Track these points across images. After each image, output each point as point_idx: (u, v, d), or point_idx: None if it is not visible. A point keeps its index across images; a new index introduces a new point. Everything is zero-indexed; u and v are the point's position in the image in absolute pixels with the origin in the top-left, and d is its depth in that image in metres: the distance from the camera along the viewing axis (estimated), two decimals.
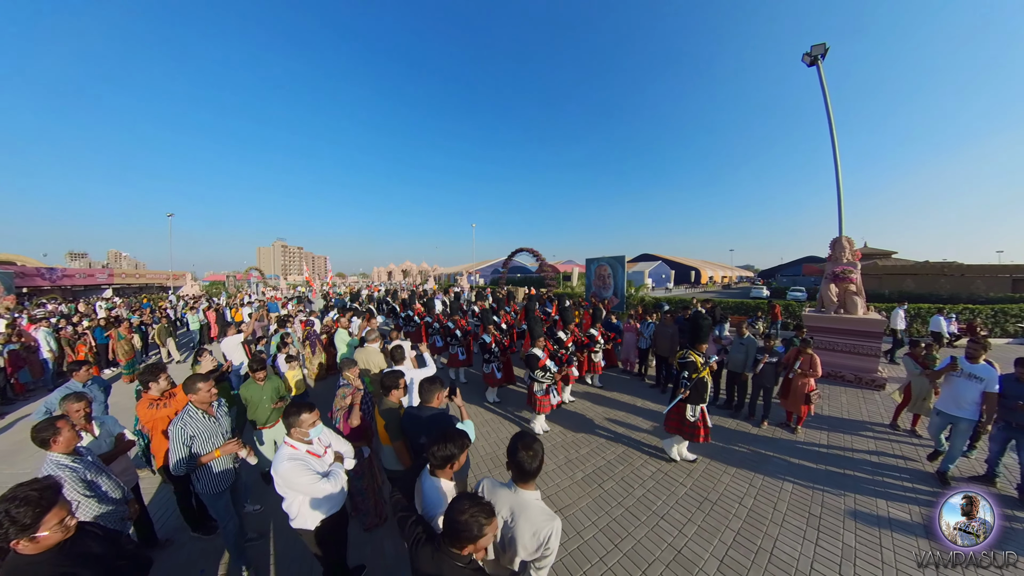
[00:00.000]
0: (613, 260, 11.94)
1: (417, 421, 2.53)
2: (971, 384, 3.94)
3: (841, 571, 2.79)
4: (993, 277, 28.14)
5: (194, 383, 2.62)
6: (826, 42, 9.60)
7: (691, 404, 4.15)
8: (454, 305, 8.23)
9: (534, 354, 5.01)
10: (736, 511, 3.50)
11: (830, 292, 7.56)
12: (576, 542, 3.16)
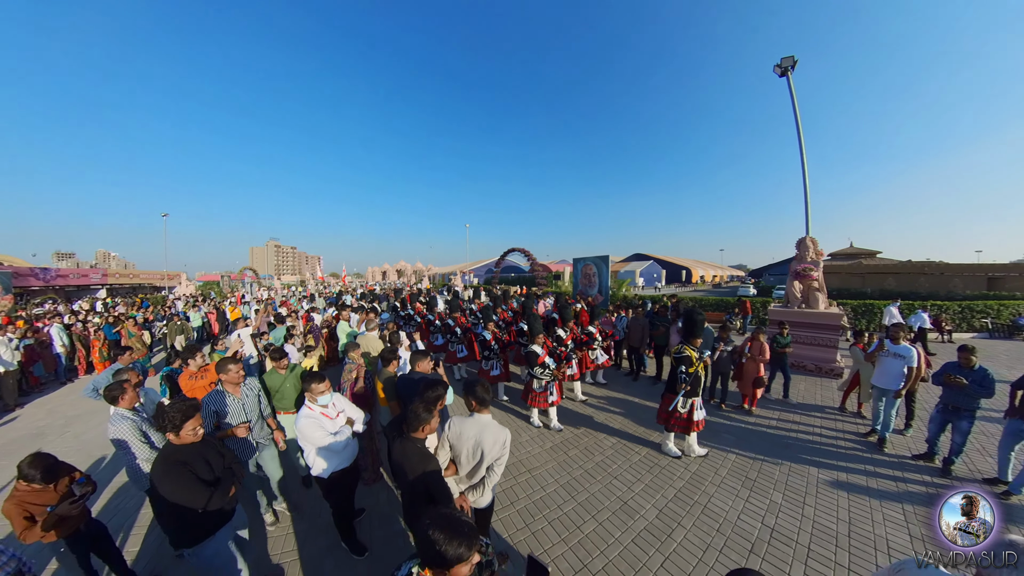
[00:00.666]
0: (598, 259, 12.51)
1: (410, 382, 3.21)
2: (896, 361, 4.72)
3: (764, 522, 3.35)
4: (970, 276, 29.23)
5: (225, 364, 3.10)
6: (794, 55, 10.25)
7: (684, 397, 4.30)
8: (453, 303, 8.30)
9: (533, 351, 5.08)
10: (681, 474, 4.10)
11: (794, 288, 8.19)
12: (539, 493, 3.77)
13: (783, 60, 10.39)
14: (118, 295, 30.65)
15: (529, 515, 3.50)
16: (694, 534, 3.20)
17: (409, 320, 9.88)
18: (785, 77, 10.42)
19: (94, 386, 3.89)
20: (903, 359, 4.69)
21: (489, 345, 6.32)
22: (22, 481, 2.27)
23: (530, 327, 5.37)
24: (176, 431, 2.13)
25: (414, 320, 9.69)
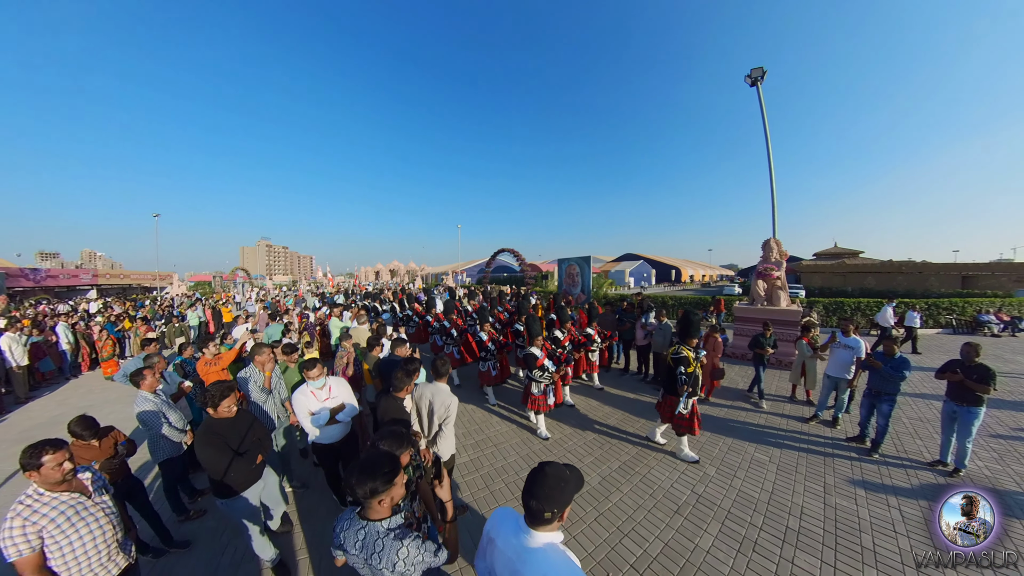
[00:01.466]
0: (580, 260, 13.07)
1: (390, 363, 3.80)
2: (846, 352, 5.33)
3: (694, 490, 3.91)
4: (945, 274, 30.35)
5: (260, 348, 3.72)
6: (763, 66, 10.86)
7: (683, 398, 4.37)
8: (449, 304, 8.19)
9: (532, 353, 5.04)
10: (628, 450, 4.72)
11: (757, 287, 8.79)
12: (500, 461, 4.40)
13: (753, 71, 11.01)
14: (107, 296, 30.58)
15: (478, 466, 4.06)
16: (629, 497, 3.76)
17: (408, 321, 9.90)
18: (755, 87, 11.04)
19: (124, 372, 4.47)
20: (852, 350, 5.27)
21: (486, 346, 6.29)
22: (72, 438, 2.76)
23: (529, 329, 5.30)
24: (215, 407, 2.62)
25: (413, 321, 9.71)
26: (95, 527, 2.01)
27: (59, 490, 1.94)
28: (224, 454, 2.55)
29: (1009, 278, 27.39)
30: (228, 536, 3.37)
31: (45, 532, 1.85)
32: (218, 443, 2.56)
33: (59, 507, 1.91)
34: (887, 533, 3.19)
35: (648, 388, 6.92)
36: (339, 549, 1.68)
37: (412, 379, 3.08)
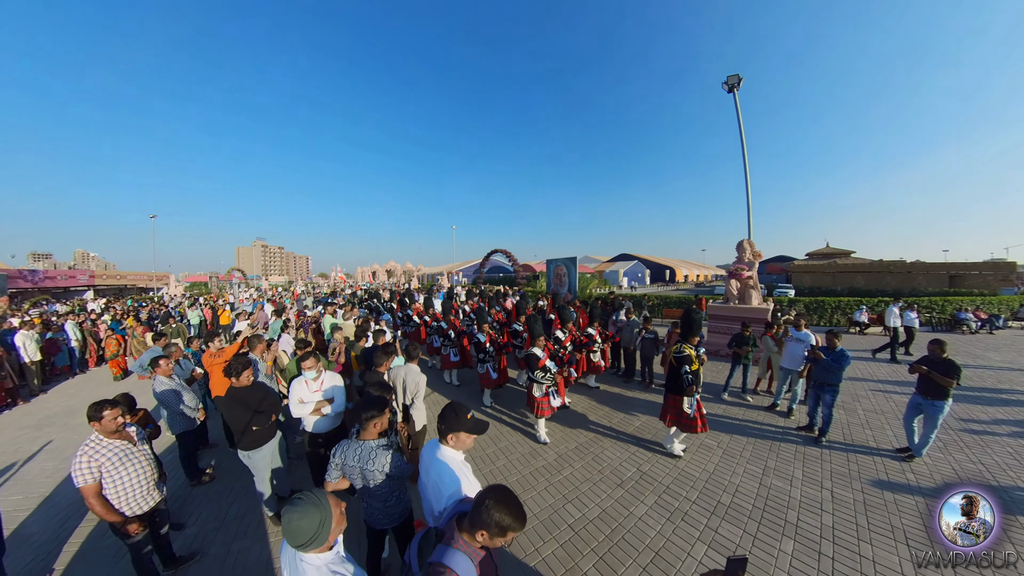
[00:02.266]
0: (567, 261, 13.55)
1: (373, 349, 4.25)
2: (798, 346, 5.78)
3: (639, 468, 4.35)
4: (933, 274, 31.00)
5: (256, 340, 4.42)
6: (739, 73, 11.34)
7: (687, 397, 4.40)
8: (446, 305, 8.10)
9: (534, 354, 4.96)
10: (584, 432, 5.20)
11: (731, 286, 9.27)
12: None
13: (729, 78, 11.49)
14: (103, 296, 30.78)
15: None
16: (580, 472, 4.23)
17: (408, 321, 9.89)
18: (732, 93, 11.53)
19: (140, 363, 5.01)
20: (803, 343, 5.73)
21: (484, 348, 6.16)
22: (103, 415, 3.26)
23: (531, 329, 5.26)
24: (237, 376, 3.35)
25: (412, 322, 9.69)
26: (138, 467, 2.62)
27: (113, 437, 2.57)
28: (246, 412, 3.21)
29: (995, 277, 28.09)
30: (235, 494, 4.02)
31: (103, 468, 2.46)
32: (240, 405, 3.24)
33: (113, 450, 2.52)
34: (814, 511, 3.52)
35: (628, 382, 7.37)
36: (338, 469, 2.30)
37: (390, 358, 3.82)
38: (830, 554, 3.00)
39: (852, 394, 6.67)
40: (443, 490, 1.89)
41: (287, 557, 1.52)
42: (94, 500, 2.41)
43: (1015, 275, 28.77)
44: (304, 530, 1.41)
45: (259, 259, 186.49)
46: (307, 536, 1.42)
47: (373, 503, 2.38)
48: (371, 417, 2.30)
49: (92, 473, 2.41)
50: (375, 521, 2.43)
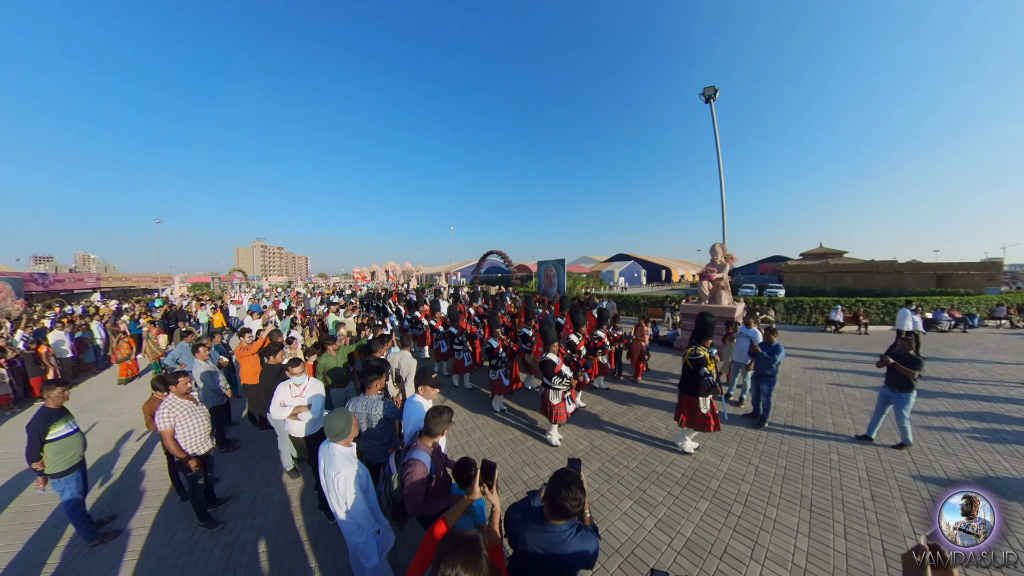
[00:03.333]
0: (556, 262, 14.28)
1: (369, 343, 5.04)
2: (744, 341, 6.52)
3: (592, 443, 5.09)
4: (921, 274, 31.71)
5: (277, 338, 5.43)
6: (715, 84, 12.06)
7: (702, 397, 4.53)
8: (452, 310, 7.91)
9: (549, 360, 4.85)
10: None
11: (702, 287, 10.00)
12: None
13: (706, 89, 12.23)
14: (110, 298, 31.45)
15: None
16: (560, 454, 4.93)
17: (415, 324, 9.70)
18: (709, 104, 12.27)
19: (172, 357, 5.81)
20: (748, 339, 6.44)
21: (496, 354, 5.98)
22: (154, 391, 4.04)
23: (544, 335, 5.19)
24: (273, 355, 4.67)
25: (420, 324, 9.49)
26: (198, 421, 3.64)
27: (184, 398, 3.61)
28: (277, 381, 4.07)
29: (981, 277, 28.80)
30: (258, 458, 4.95)
31: (176, 418, 3.47)
32: (274, 376, 4.24)
33: (183, 407, 3.56)
34: (734, 481, 4.13)
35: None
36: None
37: (385, 345, 4.84)
38: (738, 513, 3.67)
39: (806, 387, 7.38)
40: (411, 421, 3.07)
41: (324, 451, 2.49)
42: (170, 441, 3.42)
43: (1001, 275, 29.55)
44: (337, 425, 2.39)
45: (258, 259, 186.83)
46: (338, 430, 2.38)
47: (373, 442, 3.31)
48: (373, 379, 3.29)
49: (169, 421, 3.43)
50: (373, 456, 3.34)
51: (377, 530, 2.46)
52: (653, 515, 3.68)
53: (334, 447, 2.41)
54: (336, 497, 2.31)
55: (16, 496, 4.42)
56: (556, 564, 1.73)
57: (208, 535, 3.57)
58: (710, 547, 3.24)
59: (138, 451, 5.38)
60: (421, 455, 2.37)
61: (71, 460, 3.32)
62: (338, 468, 2.33)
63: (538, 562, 1.75)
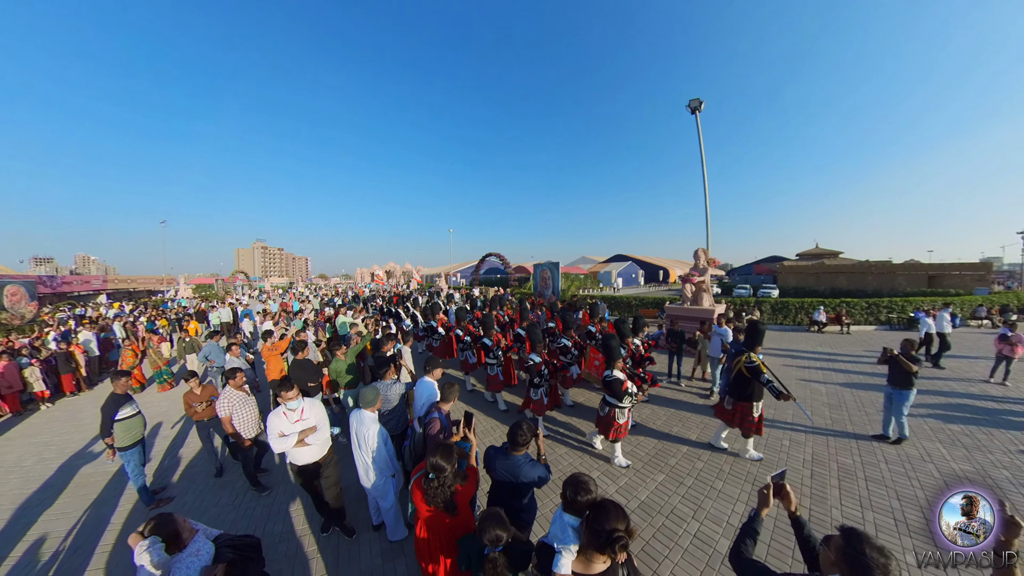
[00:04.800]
0: (551, 265, 14.97)
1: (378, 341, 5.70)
2: (718, 338, 7.27)
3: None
4: (913, 274, 32.35)
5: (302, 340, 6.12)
6: (700, 97, 12.72)
7: (756, 403, 4.65)
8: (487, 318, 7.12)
9: (616, 378, 4.51)
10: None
11: (685, 289, 10.68)
12: None
13: (691, 101, 12.90)
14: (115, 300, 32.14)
15: None
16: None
17: (431, 333, 8.94)
18: (695, 115, 12.95)
19: (204, 354, 6.59)
20: (721, 336, 7.18)
21: (539, 371, 5.41)
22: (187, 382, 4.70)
23: (608, 351, 4.74)
24: (301, 352, 5.60)
25: (437, 333, 8.73)
26: (251, 409, 4.41)
27: (238, 390, 4.33)
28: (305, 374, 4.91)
29: (972, 277, 29.42)
30: None
31: (232, 406, 4.16)
32: (300, 369, 5.03)
33: (239, 397, 4.32)
34: (692, 459, 4.79)
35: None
36: None
37: (391, 343, 5.33)
38: (688, 484, 4.32)
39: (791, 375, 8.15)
40: (424, 395, 3.86)
41: (356, 417, 3.25)
42: (228, 425, 4.21)
43: (991, 275, 30.18)
44: (369, 395, 3.25)
45: (259, 261, 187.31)
46: (370, 399, 3.22)
47: (390, 418, 4.00)
48: (386, 370, 4.12)
49: (227, 409, 4.22)
50: (391, 429, 3.96)
51: (393, 474, 3.23)
52: (615, 483, 4.38)
53: (364, 412, 3.21)
54: (367, 449, 3.12)
55: (74, 473, 5.16)
56: (516, 484, 2.51)
57: (250, 497, 4.32)
58: (659, 508, 3.93)
59: (173, 438, 6.08)
60: (438, 415, 3.27)
61: (135, 436, 4.07)
62: (368, 426, 3.18)
63: (504, 485, 2.57)
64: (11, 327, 15.43)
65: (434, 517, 2.28)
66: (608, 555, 1.65)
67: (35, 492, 4.71)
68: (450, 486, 2.28)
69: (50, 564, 3.49)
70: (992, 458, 4.75)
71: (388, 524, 3.43)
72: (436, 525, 2.30)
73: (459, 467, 2.39)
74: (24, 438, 6.46)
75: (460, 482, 2.37)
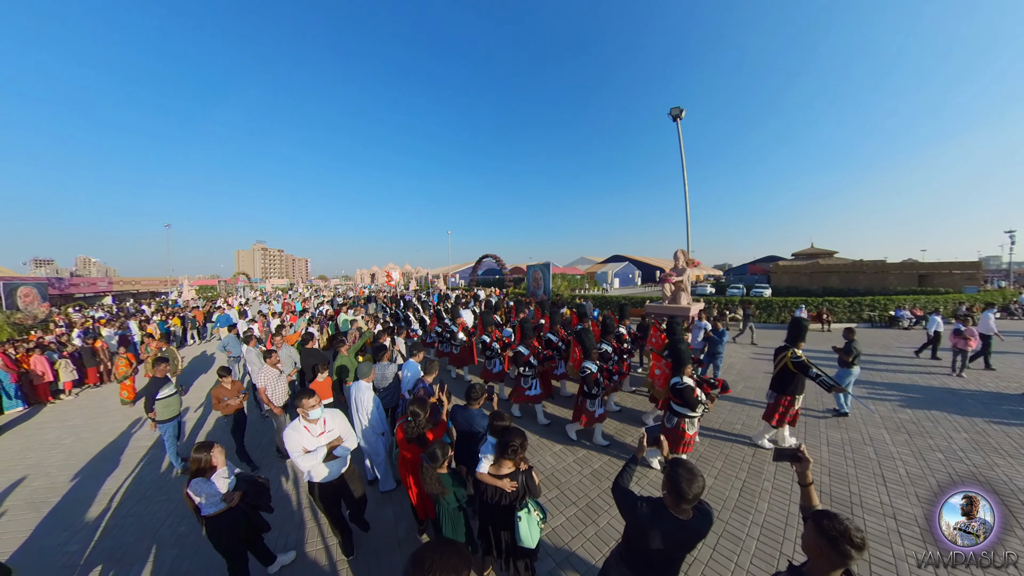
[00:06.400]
0: (542, 266, 15.66)
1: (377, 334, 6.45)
2: (698, 331, 8.07)
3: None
4: (903, 273, 33.00)
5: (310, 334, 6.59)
6: (680, 105, 13.40)
7: (799, 395, 4.73)
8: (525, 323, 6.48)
9: (688, 386, 4.18)
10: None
11: (664, 289, 11.39)
12: None
13: (672, 109, 13.57)
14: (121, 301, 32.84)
15: None
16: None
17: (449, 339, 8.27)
18: (676, 122, 13.63)
19: (222, 344, 7.32)
20: (700, 328, 7.91)
21: (595, 380, 5.01)
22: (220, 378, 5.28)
23: (678, 355, 4.40)
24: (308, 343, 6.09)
25: (458, 339, 8.02)
26: (282, 384, 5.21)
27: (273, 367, 5.19)
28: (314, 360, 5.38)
29: (961, 276, 30.07)
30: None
31: (268, 380, 5.06)
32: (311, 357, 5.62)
33: (272, 373, 5.14)
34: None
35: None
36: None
37: (386, 336, 6.31)
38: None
39: (744, 374, 8.64)
40: (410, 371, 4.74)
41: (354, 388, 4.00)
42: (263, 395, 5.05)
43: (980, 273, 30.84)
44: (364, 369, 4.05)
45: (259, 262, 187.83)
46: (365, 372, 4.01)
47: (386, 394, 4.92)
48: (382, 354, 5.17)
49: (263, 381, 5.10)
50: (385, 403, 4.81)
51: (383, 432, 4.00)
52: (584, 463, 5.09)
53: (361, 382, 4.02)
54: (364, 411, 3.86)
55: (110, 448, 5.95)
56: (472, 431, 3.39)
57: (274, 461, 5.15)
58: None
59: (195, 422, 6.82)
60: (423, 385, 4.16)
61: (172, 412, 4.87)
62: (364, 392, 3.96)
63: (464, 433, 3.40)
64: (24, 327, 16.16)
65: (410, 448, 3.19)
66: (509, 460, 2.48)
67: (82, 464, 5.44)
68: (422, 428, 3.17)
69: (101, 517, 4.23)
70: (931, 442, 5.11)
71: (380, 477, 4.21)
72: (411, 453, 3.21)
73: (432, 417, 3.29)
74: (58, 422, 7.21)
75: (431, 427, 3.28)
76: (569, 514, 3.82)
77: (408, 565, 1.20)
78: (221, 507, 2.71)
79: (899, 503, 3.85)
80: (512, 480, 2.48)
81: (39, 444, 6.23)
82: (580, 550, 3.32)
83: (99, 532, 3.95)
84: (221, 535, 2.70)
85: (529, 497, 2.54)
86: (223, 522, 2.70)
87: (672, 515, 1.85)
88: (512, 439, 2.46)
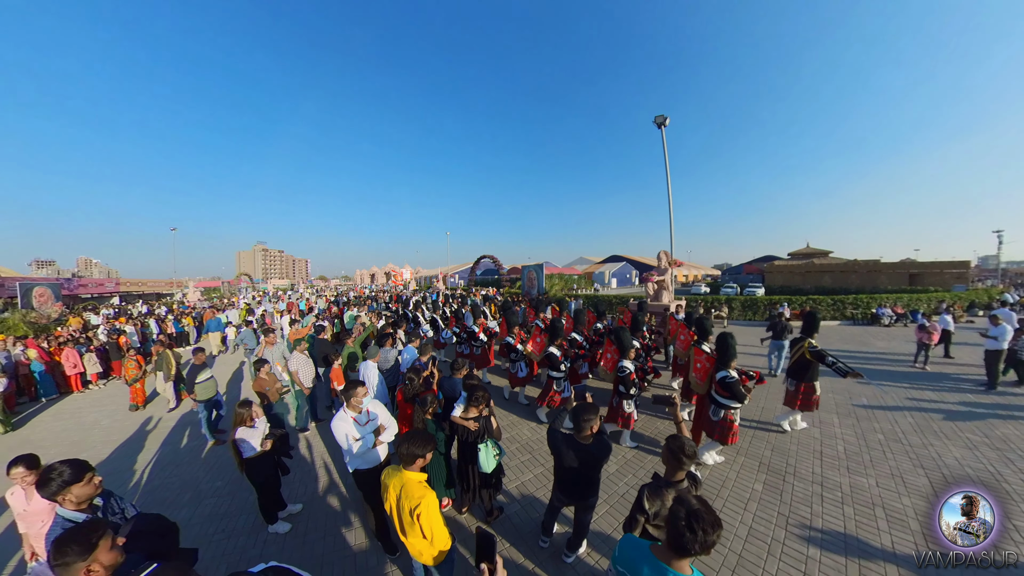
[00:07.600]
0: (536, 267, 16.41)
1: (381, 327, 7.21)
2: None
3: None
4: (894, 272, 33.61)
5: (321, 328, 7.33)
6: (664, 113, 14.07)
7: (816, 382, 5.13)
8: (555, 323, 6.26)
9: (736, 379, 4.31)
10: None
11: (648, 288, 12.14)
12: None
13: (657, 117, 14.27)
14: (127, 301, 33.63)
15: None
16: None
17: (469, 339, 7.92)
18: (661, 129, 14.34)
19: (240, 338, 8.14)
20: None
21: (632, 381, 5.01)
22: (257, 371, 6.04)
23: (724, 350, 4.44)
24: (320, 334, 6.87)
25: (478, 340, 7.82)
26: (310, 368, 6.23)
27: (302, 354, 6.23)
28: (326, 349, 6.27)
29: (951, 275, 30.70)
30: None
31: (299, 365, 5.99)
32: (323, 347, 6.44)
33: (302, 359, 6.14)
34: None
35: None
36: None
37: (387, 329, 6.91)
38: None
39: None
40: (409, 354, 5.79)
41: (362, 367, 5.03)
42: (296, 376, 5.85)
43: (970, 272, 31.48)
44: (372, 351, 5.38)
45: (260, 263, 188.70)
46: (371, 353, 5.32)
47: (389, 375, 5.70)
48: (386, 340, 5.92)
49: (295, 366, 5.92)
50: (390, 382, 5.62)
51: (385, 403, 4.71)
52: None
53: (369, 362, 5.05)
54: (371, 385, 4.67)
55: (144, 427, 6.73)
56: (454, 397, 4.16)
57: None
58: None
59: None
60: (419, 361, 5.01)
61: (209, 394, 5.73)
62: (371, 369, 5.01)
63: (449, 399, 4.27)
64: (38, 325, 16.96)
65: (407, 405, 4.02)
66: (474, 408, 3.39)
67: (122, 440, 6.20)
68: (416, 390, 4.00)
69: (145, 478, 5.00)
70: (876, 425, 5.49)
71: None
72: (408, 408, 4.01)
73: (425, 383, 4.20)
74: (92, 407, 8.02)
75: (423, 390, 4.08)
76: (536, 472, 4.69)
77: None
78: (257, 451, 3.48)
79: (828, 473, 4.35)
80: (475, 422, 3.41)
81: (77, 425, 7.01)
82: (541, 497, 4.17)
83: (143, 489, 4.70)
84: (258, 473, 3.49)
85: (488, 437, 3.39)
86: (259, 463, 3.50)
87: (577, 441, 2.71)
88: (477, 392, 3.38)
